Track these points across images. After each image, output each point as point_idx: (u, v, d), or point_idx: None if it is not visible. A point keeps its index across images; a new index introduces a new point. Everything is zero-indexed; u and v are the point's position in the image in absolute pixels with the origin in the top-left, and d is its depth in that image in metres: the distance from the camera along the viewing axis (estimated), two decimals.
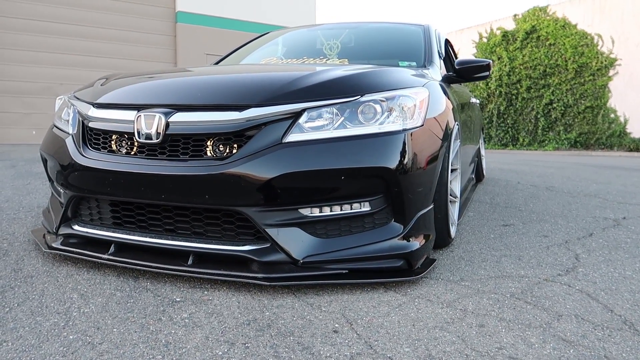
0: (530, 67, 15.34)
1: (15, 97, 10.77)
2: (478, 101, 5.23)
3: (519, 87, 15.66)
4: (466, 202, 3.64)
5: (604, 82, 14.00)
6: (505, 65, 15.86)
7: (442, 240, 2.36)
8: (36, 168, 5.50)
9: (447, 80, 2.92)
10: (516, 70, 15.69)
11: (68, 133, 2.19)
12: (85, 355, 1.34)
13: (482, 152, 5.42)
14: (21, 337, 1.44)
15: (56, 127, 2.35)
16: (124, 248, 2.02)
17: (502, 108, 16.18)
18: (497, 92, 16.17)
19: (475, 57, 16.87)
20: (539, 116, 15.29)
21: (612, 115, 13.96)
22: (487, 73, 2.96)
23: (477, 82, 15.80)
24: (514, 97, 15.88)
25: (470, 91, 4.96)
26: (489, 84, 16.23)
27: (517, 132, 15.96)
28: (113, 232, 2.04)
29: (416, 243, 1.96)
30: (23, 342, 1.40)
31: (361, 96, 1.90)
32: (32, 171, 5.25)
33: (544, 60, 14.98)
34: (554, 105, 14.89)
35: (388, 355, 1.36)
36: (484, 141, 6.10)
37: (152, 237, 1.97)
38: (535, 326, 1.57)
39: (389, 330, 1.52)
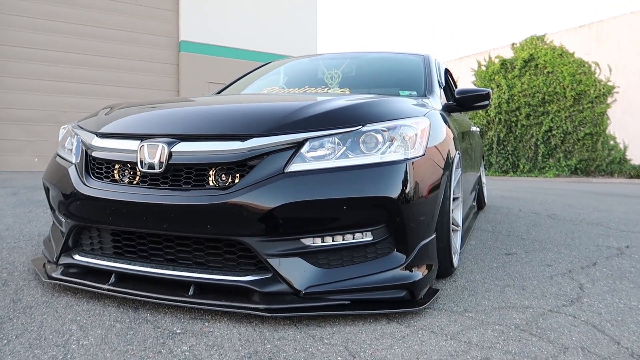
0: (529, 94, 15.50)
1: (17, 124, 10.86)
2: (478, 129, 5.27)
3: (518, 114, 15.79)
4: (468, 230, 3.63)
5: (603, 109, 14.12)
6: (504, 93, 16.02)
7: (445, 269, 2.34)
8: (37, 196, 5.50)
9: (447, 109, 2.94)
10: (515, 97, 15.84)
11: (71, 162, 2.20)
12: None
13: (483, 179, 5.43)
14: None
15: (59, 156, 2.37)
16: (124, 278, 2.01)
17: (501, 135, 16.27)
18: (497, 119, 16.29)
19: (475, 84, 17.07)
20: (538, 143, 15.37)
21: (612, 142, 14.03)
22: (487, 102, 2.99)
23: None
24: (513, 124, 15.99)
25: (470, 119, 5.00)
26: (489, 112, 16.37)
27: (518, 158, 16.01)
28: (114, 262, 2.03)
29: (419, 273, 1.94)
30: None
31: (363, 126, 1.92)
32: (34, 199, 5.25)
33: (543, 88, 15.15)
34: (554, 132, 14.98)
35: None
36: (485, 168, 6.12)
37: (153, 267, 1.96)
38: (541, 359, 1.54)
39: None
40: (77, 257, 2.12)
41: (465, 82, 17.30)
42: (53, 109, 11.17)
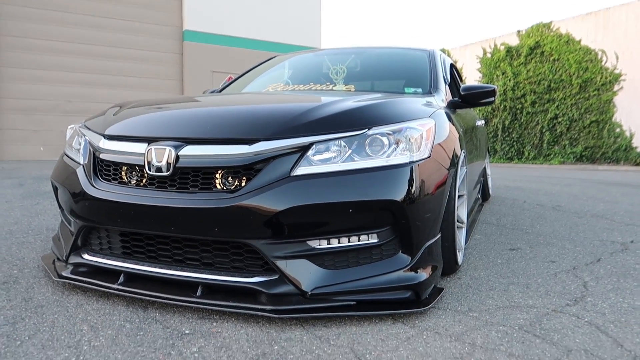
0: (535, 82, 15.38)
1: (23, 114, 10.89)
2: (483, 121, 5.25)
3: (524, 101, 15.69)
4: (473, 223, 3.64)
5: (609, 97, 14.00)
6: (510, 80, 15.91)
7: (449, 267, 2.36)
8: (44, 187, 5.55)
9: (452, 106, 2.94)
10: (520, 85, 15.73)
11: (79, 163, 2.22)
12: None
13: (488, 170, 5.43)
14: None
15: (67, 155, 2.39)
16: (133, 278, 2.04)
17: (507, 122, 16.20)
18: (502, 106, 16.20)
19: (480, 72, 16.95)
20: (544, 130, 15.29)
21: (618, 130, 13.94)
22: (492, 99, 2.98)
23: None
24: (518, 111, 15.90)
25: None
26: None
27: (523, 146, 15.95)
28: (122, 262, 2.06)
29: (424, 274, 1.96)
30: None
31: (369, 129, 1.93)
32: (40, 190, 5.30)
33: (548, 75, 15.02)
34: (559, 119, 14.90)
35: None
36: (490, 155, 6.11)
37: (161, 268, 1.99)
38: None
39: None
40: (86, 256, 2.15)
41: (470, 69, 17.18)
42: (58, 98, 11.19)
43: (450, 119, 2.52)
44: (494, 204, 5.03)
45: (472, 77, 17.04)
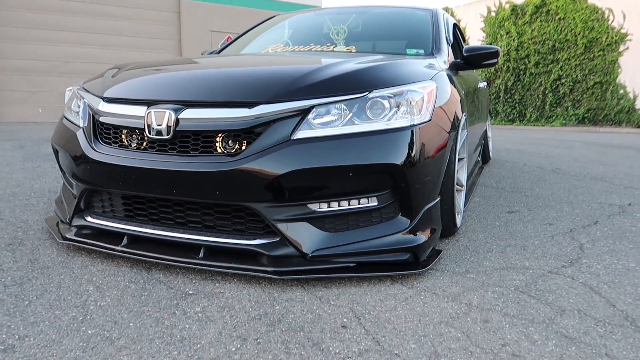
0: (539, 42, 15.08)
1: (20, 75, 10.75)
2: (486, 83, 5.19)
3: (527, 62, 15.43)
4: (472, 186, 3.66)
5: (614, 57, 13.77)
6: (514, 40, 15.60)
7: (448, 230, 2.40)
8: (44, 149, 5.55)
9: (455, 68, 2.90)
10: (525, 45, 15.43)
11: (78, 126, 2.21)
12: (104, 350, 1.40)
13: (489, 133, 5.41)
14: (42, 332, 1.49)
15: (66, 118, 2.38)
16: (136, 240, 2.07)
17: (509, 83, 15.99)
18: (505, 67, 15.95)
19: (484, 31, 16.60)
20: (547, 92, 15.11)
21: (622, 91, 13.78)
22: (495, 60, 2.94)
23: None
24: (521, 72, 15.67)
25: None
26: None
27: (525, 107, 15.81)
28: (125, 224, 2.09)
29: (422, 237, 1.99)
30: (44, 337, 1.46)
31: (369, 92, 1.91)
32: (41, 152, 5.30)
33: (553, 35, 14.72)
34: (563, 80, 14.70)
35: (395, 352, 1.41)
36: (491, 117, 6.07)
37: (164, 230, 2.02)
38: (539, 322, 1.61)
39: (396, 326, 1.57)
40: (89, 219, 2.18)
41: (473, 29, 16.81)
42: (54, 59, 11.01)
43: (452, 82, 2.49)
44: (494, 167, 5.04)
45: (475, 37, 16.70)
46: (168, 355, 1.39)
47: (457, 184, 2.52)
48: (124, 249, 2.02)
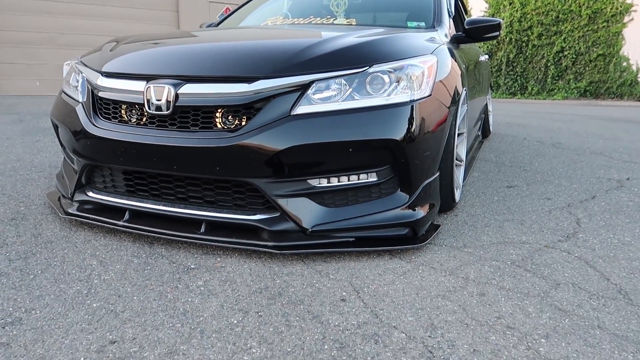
0: (543, 12, 14.85)
1: (16, 47, 10.61)
2: (487, 57, 5.14)
3: (530, 34, 15.23)
4: (472, 161, 3.67)
5: (618, 28, 13.58)
6: (517, 11, 15.35)
7: (447, 205, 2.42)
8: (43, 123, 5.53)
9: (456, 41, 2.87)
10: (528, 16, 15.19)
11: (77, 101, 2.20)
12: (109, 323, 1.44)
13: (490, 107, 5.38)
14: (48, 305, 1.53)
15: (65, 93, 2.37)
16: (138, 215, 2.09)
17: (511, 56, 15.81)
18: (507, 39, 15.74)
19: (486, 1, 16.32)
20: (549, 64, 14.95)
21: (625, 64, 13.64)
22: (497, 33, 2.91)
23: None
24: (524, 44, 15.47)
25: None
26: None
27: (526, 80, 15.67)
28: (127, 199, 2.11)
29: (421, 212, 2.01)
30: (50, 310, 1.50)
31: (369, 67, 1.90)
32: (40, 126, 5.28)
33: (557, 6, 14.48)
34: (565, 53, 14.53)
35: (393, 325, 1.45)
36: (492, 90, 6.03)
37: (165, 205, 2.03)
38: (534, 295, 1.65)
39: (394, 299, 1.60)
40: (91, 194, 2.19)
41: None
42: (50, 30, 10.85)
43: (453, 56, 2.47)
44: (494, 141, 5.04)
45: (477, 9, 16.42)
46: (171, 327, 1.42)
47: (456, 159, 2.53)
48: (126, 224, 2.05)
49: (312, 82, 1.85)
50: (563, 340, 1.38)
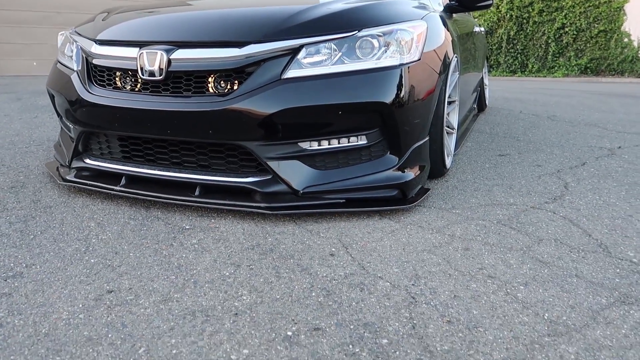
0: None
1: (12, 27, 10.56)
2: (483, 29, 5.12)
3: (531, 10, 15.08)
4: (465, 132, 3.70)
5: (620, 4, 13.45)
6: None
7: (438, 170, 2.46)
8: (41, 101, 5.55)
9: (448, 10, 2.88)
10: None
11: (72, 69, 2.24)
12: (106, 276, 1.50)
13: (486, 81, 5.38)
14: (47, 261, 1.59)
15: (60, 63, 2.40)
16: (134, 180, 2.15)
17: (512, 33, 15.67)
18: (508, 15, 15.59)
19: None
20: (549, 41, 14.84)
21: (626, 40, 13.54)
22: (490, 2, 2.92)
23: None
24: (525, 21, 15.33)
25: (480, 16, 4.82)
26: (500, 7, 15.62)
27: (527, 58, 15.56)
28: (123, 165, 2.16)
29: (411, 174, 2.06)
30: (50, 265, 1.56)
31: (359, 31, 1.93)
32: (38, 104, 5.31)
33: None
34: (566, 29, 14.41)
35: (379, 275, 1.51)
36: (491, 68, 6.02)
37: (160, 170, 2.08)
38: (516, 249, 1.71)
39: (381, 254, 1.66)
40: (87, 160, 2.24)
41: None
42: (47, 9, 10.78)
43: (444, 23, 2.49)
44: (490, 115, 5.06)
45: None
46: (166, 279, 1.48)
47: (447, 127, 2.57)
48: (122, 189, 2.10)
49: (302, 46, 1.88)
50: (541, 287, 1.44)
